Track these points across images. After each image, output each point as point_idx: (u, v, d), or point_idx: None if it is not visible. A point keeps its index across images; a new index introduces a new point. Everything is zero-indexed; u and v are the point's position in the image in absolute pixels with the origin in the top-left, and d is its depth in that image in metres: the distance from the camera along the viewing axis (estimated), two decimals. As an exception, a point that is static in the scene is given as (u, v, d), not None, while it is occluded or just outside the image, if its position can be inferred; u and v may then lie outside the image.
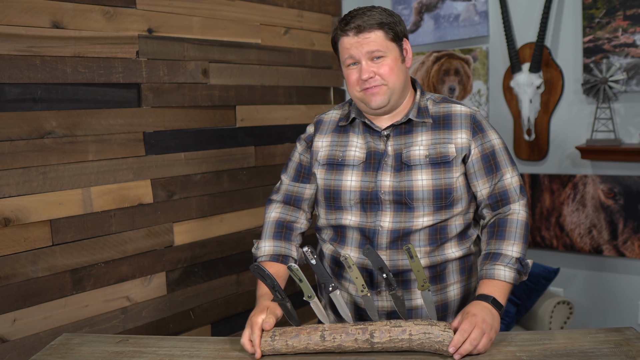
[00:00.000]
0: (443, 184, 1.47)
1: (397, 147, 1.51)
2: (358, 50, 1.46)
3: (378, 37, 1.45)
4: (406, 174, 1.48)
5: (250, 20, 2.72)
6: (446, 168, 1.48)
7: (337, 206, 1.54)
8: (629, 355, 1.25)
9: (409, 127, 1.53)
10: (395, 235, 1.49)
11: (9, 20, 1.92)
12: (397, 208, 1.48)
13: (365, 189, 1.50)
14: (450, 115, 1.52)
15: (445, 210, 1.49)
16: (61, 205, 2.08)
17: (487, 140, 1.51)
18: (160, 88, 2.37)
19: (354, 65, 1.48)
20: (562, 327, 2.70)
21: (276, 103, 2.85)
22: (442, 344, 1.29)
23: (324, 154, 1.57)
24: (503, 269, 1.42)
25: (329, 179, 1.54)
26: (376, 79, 1.46)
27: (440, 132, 1.51)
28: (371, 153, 1.52)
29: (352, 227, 1.53)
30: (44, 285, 2.04)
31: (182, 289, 2.49)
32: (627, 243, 2.77)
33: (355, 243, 1.53)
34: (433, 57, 3.29)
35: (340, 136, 1.58)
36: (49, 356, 1.40)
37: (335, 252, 1.58)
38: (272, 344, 1.34)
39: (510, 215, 1.49)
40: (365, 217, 1.51)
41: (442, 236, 1.51)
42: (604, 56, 2.70)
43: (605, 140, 2.69)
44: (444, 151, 1.48)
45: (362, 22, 1.45)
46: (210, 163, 2.57)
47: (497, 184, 1.50)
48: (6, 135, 1.93)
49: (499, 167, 1.51)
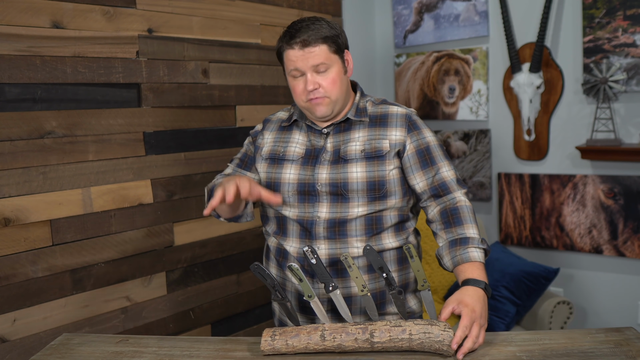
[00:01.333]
0: (376, 176, 1.56)
1: (336, 143, 1.61)
2: (303, 63, 1.54)
3: (322, 51, 1.54)
4: (342, 167, 1.57)
5: (250, 20, 2.72)
6: (380, 161, 1.56)
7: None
8: (629, 355, 1.25)
9: (347, 126, 1.63)
10: (332, 225, 1.56)
11: (9, 20, 1.92)
12: (333, 199, 1.56)
13: (303, 181, 1.59)
14: (387, 115, 1.63)
15: (379, 201, 1.56)
16: (61, 205, 2.08)
17: (422, 137, 1.60)
18: (160, 88, 2.37)
19: (299, 76, 1.57)
20: (562, 327, 2.70)
21: (276, 103, 2.85)
22: (442, 343, 1.29)
23: (267, 149, 1.68)
24: (475, 250, 1.48)
25: (270, 172, 1.64)
26: (320, 90, 1.55)
27: (377, 130, 1.61)
28: (311, 149, 1.62)
29: (292, 219, 1.60)
30: (44, 285, 2.04)
31: (182, 289, 2.49)
32: (627, 243, 2.77)
33: (296, 234, 1.60)
34: (433, 57, 3.29)
35: (284, 134, 1.68)
36: (49, 356, 1.40)
37: (279, 245, 1.64)
38: (272, 343, 1.34)
39: (458, 203, 1.56)
40: (304, 208, 1.59)
41: (378, 226, 1.58)
42: (604, 56, 2.70)
43: (605, 140, 2.69)
44: (378, 146, 1.58)
45: (307, 37, 1.53)
46: (210, 163, 2.57)
47: (434, 177, 1.58)
48: (6, 135, 1.93)
49: (435, 162, 1.59)
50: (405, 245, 1.42)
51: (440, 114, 3.31)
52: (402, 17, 3.40)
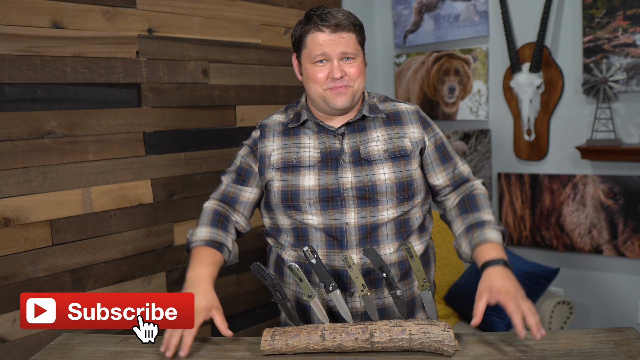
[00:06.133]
0: (404, 176, 1.51)
1: (354, 144, 1.53)
2: (332, 49, 1.44)
3: (352, 39, 1.46)
4: (367, 169, 1.50)
5: (250, 20, 2.72)
6: (405, 161, 1.52)
7: (295, 207, 1.52)
8: (629, 355, 1.25)
9: (362, 125, 1.55)
10: (364, 232, 1.50)
11: (9, 20, 1.92)
12: (361, 203, 1.49)
13: (325, 187, 1.49)
14: (399, 112, 1.58)
15: (407, 202, 1.52)
16: (61, 205, 2.08)
17: (436, 133, 1.59)
18: (160, 88, 2.37)
19: (321, 62, 1.47)
20: (562, 327, 2.70)
21: (276, 103, 2.85)
22: (442, 343, 1.29)
23: (277, 158, 1.54)
24: (492, 231, 1.47)
25: (286, 179, 1.52)
26: (344, 79, 1.47)
27: (394, 128, 1.55)
28: (327, 152, 1.52)
29: (316, 228, 1.51)
30: (44, 285, 2.04)
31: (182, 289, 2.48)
32: (627, 243, 2.77)
33: (322, 245, 1.52)
34: (433, 57, 3.28)
35: (291, 138, 1.56)
36: (49, 356, 1.40)
37: (300, 257, 1.55)
38: (272, 343, 1.34)
39: (476, 190, 1.57)
40: (328, 215, 1.50)
41: (407, 229, 1.54)
42: (604, 56, 2.70)
43: (605, 140, 2.69)
44: (401, 145, 1.53)
45: (339, 21, 1.44)
46: (210, 163, 2.57)
47: (454, 172, 1.59)
48: (6, 135, 1.93)
49: (452, 157, 1.60)
50: (405, 245, 1.39)
51: (440, 114, 3.31)
52: (402, 17, 3.40)
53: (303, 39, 1.48)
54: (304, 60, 1.50)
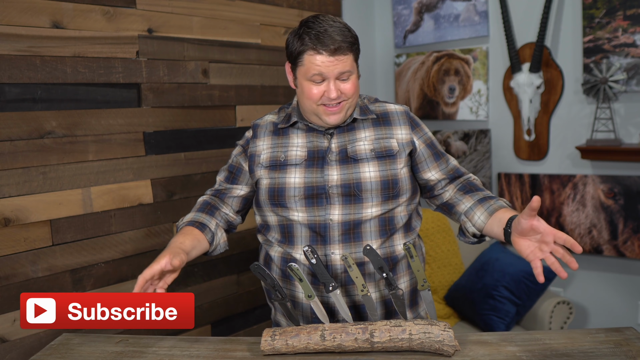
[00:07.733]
0: (389, 175, 1.54)
1: (342, 143, 1.56)
2: (329, 70, 1.45)
3: (349, 59, 1.48)
4: (353, 167, 1.54)
5: (250, 20, 2.72)
6: (391, 160, 1.55)
7: (281, 204, 1.55)
8: (629, 355, 1.25)
9: (351, 125, 1.59)
10: (347, 227, 1.52)
11: (9, 20, 1.92)
12: (345, 200, 1.53)
13: (310, 184, 1.53)
14: (388, 113, 1.61)
15: (392, 200, 1.55)
16: (61, 205, 2.08)
17: (425, 133, 1.63)
18: (160, 88, 2.37)
19: (319, 81, 1.48)
20: (562, 327, 2.70)
21: (276, 103, 2.85)
22: (442, 343, 1.29)
23: (266, 157, 1.60)
24: (505, 203, 1.52)
25: (273, 177, 1.57)
26: (340, 96, 1.50)
27: (382, 129, 1.59)
28: (314, 151, 1.57)
29: (301, 224, 1.55)
30: (44, 285, 2.04)
31: (182, 289, 2.48)
32: (627, 243, 2.77)
33: (305, 240, 1.55)
34: (433, 57, 3.28)
35: (280, 138, 1.60)
36: (49, 356, 1.40)
37: (285, 254, 1.58)
38: (272, 343, 1.34)
39: (473, 179, 1.63)
40: (313, 212, 1.53)
41: (391, 227, 1.56)
42: (604, 56, 2.70)
43: (605, 140, 2.69)
44: (388, 145, 1.56)
45: (338, 45, 1.44)
46: (210, 163, 2.57)
47: (448, 166, 1.63)
48: (6, 135, 1.93)
49: (443, 154, 1.65)
50: (405, 245, 1.41)
51: (440, 114, 3.31)
52: (402, 17, 3.40)
53: (300, 56, 1.48)
54: (299, 75, 1.51)
